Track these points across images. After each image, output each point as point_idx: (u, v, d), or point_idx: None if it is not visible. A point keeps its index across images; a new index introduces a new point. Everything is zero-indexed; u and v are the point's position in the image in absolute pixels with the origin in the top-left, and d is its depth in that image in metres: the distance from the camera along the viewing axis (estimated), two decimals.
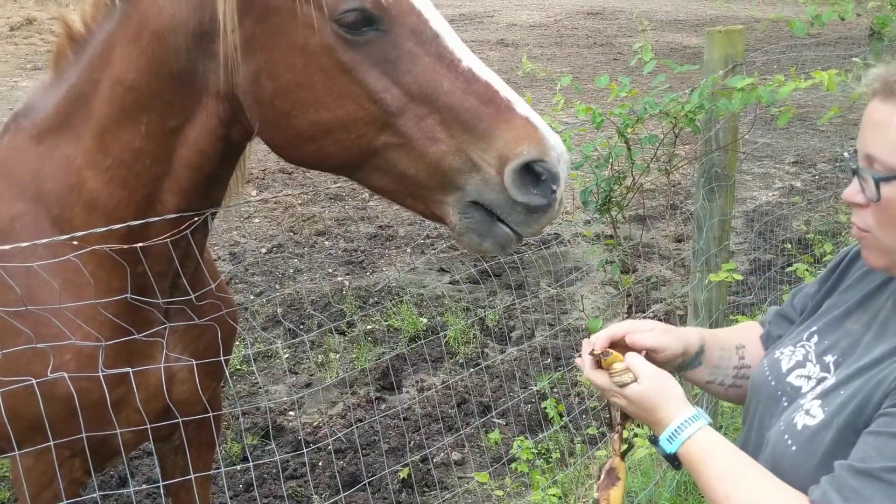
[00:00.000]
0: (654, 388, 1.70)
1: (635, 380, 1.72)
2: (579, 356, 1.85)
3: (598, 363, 1.79)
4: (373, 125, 1.85)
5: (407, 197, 1.94)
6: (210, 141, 1.99)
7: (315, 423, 4.66)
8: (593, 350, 1.79)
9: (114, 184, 2.04)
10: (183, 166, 2.02)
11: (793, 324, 1.92)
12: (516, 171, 1.78)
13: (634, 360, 1.76)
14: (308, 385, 5.04)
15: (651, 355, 1.83)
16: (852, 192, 1.59)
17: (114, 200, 2.05)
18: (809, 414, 1.60)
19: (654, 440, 1.71)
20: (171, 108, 1.97)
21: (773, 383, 1.77)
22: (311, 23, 1.80)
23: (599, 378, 1.78)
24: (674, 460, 1.67)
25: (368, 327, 5.69)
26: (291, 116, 1.87)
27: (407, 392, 4.96)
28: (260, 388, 5.01)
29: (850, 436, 1.50)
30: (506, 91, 1.82)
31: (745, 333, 2.07)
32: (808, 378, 1.70)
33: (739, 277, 3.39)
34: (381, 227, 7.63)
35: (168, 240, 2.05)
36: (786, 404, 1.71)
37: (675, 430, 1.65)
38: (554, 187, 1.80)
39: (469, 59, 1.83)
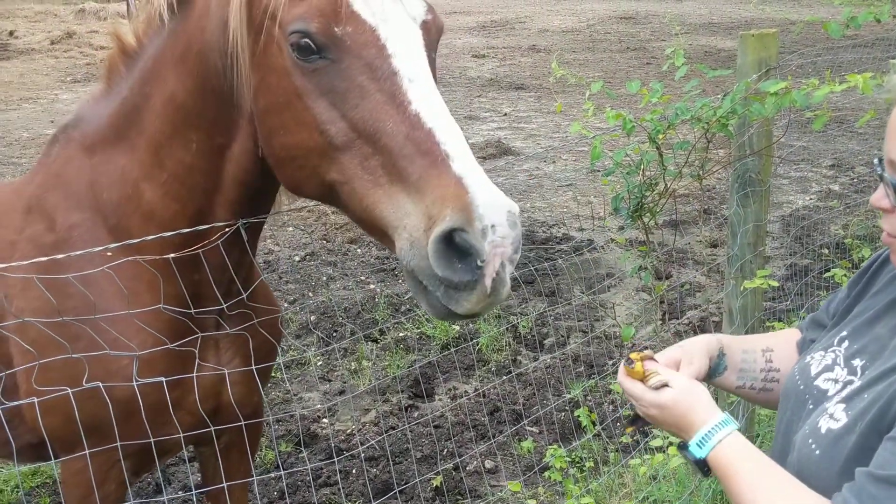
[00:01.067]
0: (687, 394, 1.72)
1: (668, 384, 1.74)
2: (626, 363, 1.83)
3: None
4: (324, 157, 1.77)
5: (371, 234, 1.84)
6: (250, 159, 2.02)
7: (348, 431, 4.67)
8: (630, 356, 1.80)
9: (169, 197, 2.10)
10: (230, 181, 2.07)
11: (825, 329, 1.90)
12: (439, 239, 1.57)
13: (662, 368, 1.79)
14: (341, 392, 5.06)
15: None
16: (878, 196, 1.59)
17: (169, 213, 2.11)
18: (833, 417, 1.59)
19: (682, 446, 1.71)
20: (216, 126, 2.01)
21: (801, 387, 1.76)
22: (278, 43, 1.78)
23: (633, 386, 1.77)
24: (703, 466, 1.66)
25: (400, 335, 5.70)
26: (271, 136, 1.87)
27: (439, 400, 4.96)
28: (293, 395, 5.04)
29: (872, 440, 1.49)
30: (450, 143, 1.64)
31: (779, 338, 2.06)
32: (836, 381, 1.68)
33: (775, 284, 3.34)
34: None
35: (204, 250, 2.08)
36: (811, 407, 1.70)
37: (706, 436, 1.65)
38: (479, 263, 1.56)
39: (422, 104, 1.68)
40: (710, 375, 1.95)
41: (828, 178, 9.02)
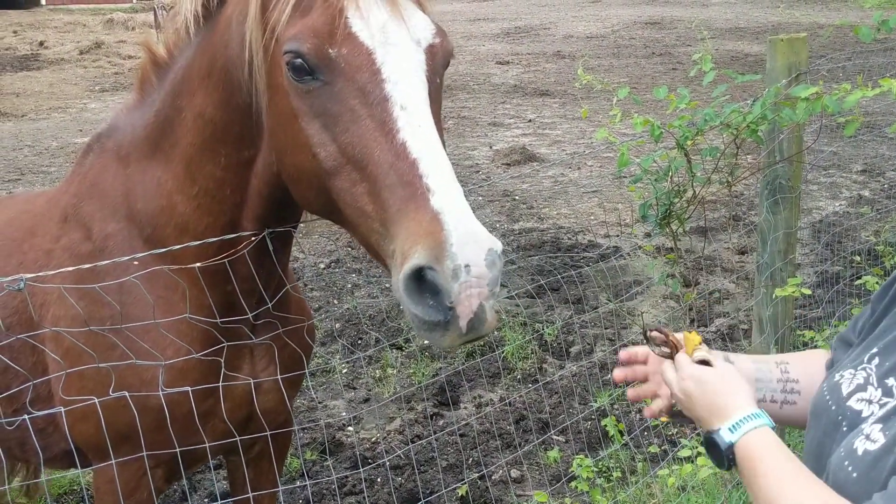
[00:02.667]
0: (730, 375, 1.68)
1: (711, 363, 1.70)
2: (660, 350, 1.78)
3: (670, 355, 1.75)
4: (318, 179, 1.75)
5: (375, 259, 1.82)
6: (272, 171, 2.02)
7: (373, 439, 4.65)
8: (671, 336, 1.75)
9: (201, 210, 2.12)
10: (256, 195, 2.07)
11: (851, 346, 1.84)
12: (409, 277, 1.52)
13: (713, 352, 1.75)
14: (366, 400, 5.05)
15: None
16: None
17: (202, 225, 2.12)
18: (870, 439, 1.53)
19: (708, 435, 1.65)
20: (242, 140, 2.02)
21: (833, 408, 1.70)
22: (279, 63, 1.77)
23: (678, 356, 1.74)
24: (727, 455, 1.60)
25: (425, 342, 5.68)
26: (282, 154, 1.88)
27: (464, 408, 4.93)
28: (318, 403, 5.04)
29: None
30: (434, 176, 1.58)
31: (793, 355, 2.01)
32: (870, 402, 1.63)
33: (807, 292, 3.28)
34: None
35: (227, 260, 2.09)
36: (846, 429, 1.64)
37: (740, 421, 1.59)
38: (448, 303, 1.49)
39: (410, 133, 1.62)
40: None
41: (858, 183, 8.89)
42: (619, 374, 1.95)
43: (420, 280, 1.52)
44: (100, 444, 2.15)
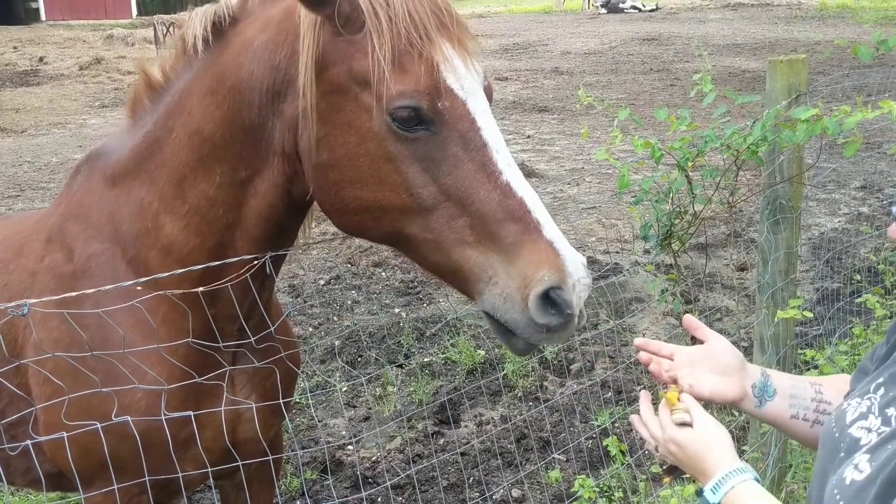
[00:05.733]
0: (708, 435, 1.67)
1: (691, 423, 1.69)
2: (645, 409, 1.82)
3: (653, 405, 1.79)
4: (407, 214, 1.89)
5: (443, 279, 2.00)
6: (277, 194, 2.05)
7: (373, 458, 4.64)
8: (665, 387, 1.78)
9: (189, 230, 2.11)
10: (253, 216, 2.08)
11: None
12: (539, 296, 1.79)
13: (692, 404, 1.74)
14: (366, 419, 5.03)
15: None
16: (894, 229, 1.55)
17: (188, 247, 2.11)
18: (858, 468, 1.53)
19: (699, 492, 1.67)
20: (241, 160, 2.03)
21: (836, 434, 1.70)
22: (368, 109, 1.86)
23: (660, 416, 1.75)
24: None
25: (426, 360, 5.67)
26: (340, 188, 1.93)
27: (465, 426, 4.92)
28: (318, 421, 5.02)
29: (892, 490, 1.43)
30: (538, 211, 1.85)
31: (827, 378, 2.01)
32: (869, 430, 1.62)
33: (809, 314, 3.27)
34: None
35: (230, 283, 2.08)
36: (843, 456, 1.64)
37: (722, 479, 1.60)
38: (568, 311, 1.82)
39: (510, 174, 1.86)
40: (760, 400, 1.88)
41: (857, 199, 8.92)
42: (643, 356, 1.98)
43: (545, 297, 1.80)
44: (81, 469, 2.13)
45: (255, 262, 2.11)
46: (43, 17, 39.00)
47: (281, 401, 2.31)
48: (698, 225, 2.87)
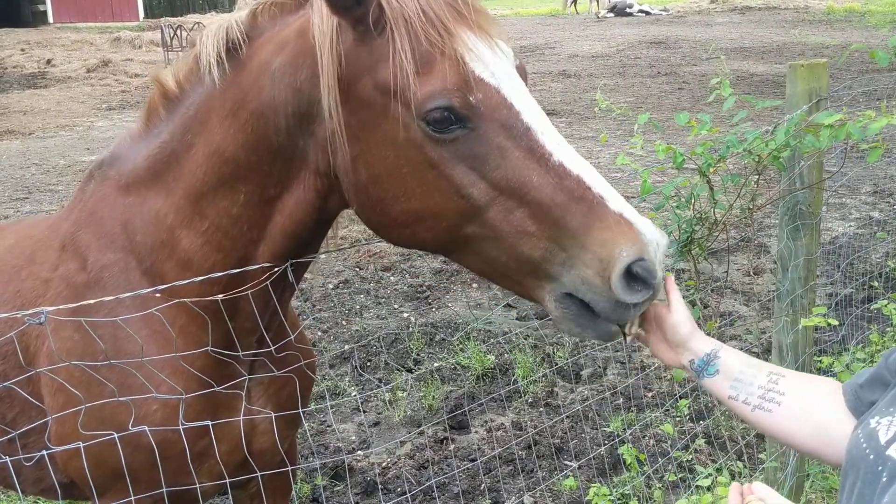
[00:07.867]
0: None
1: None
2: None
3: None
4: (461, 216, 1.81)
5: (503, 279, 1.90)
6: (307, 211, 1.99)
7: (384, 464, 4.60)
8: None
9: (209, 246, 2.06)
10: (278, 233, 2.03)
11: (888, 387, 1.79)
12: (622, 275, 1.70)
13: None
14: (376, 424, 5.00)
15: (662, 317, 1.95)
16: None
17: (209, 262, 2.06)
18: None
19: None
20: (269, 178, 1.98)
21: (871, 457, 1.65)
22: (399, 119, 1.78)
23: None
24: None
25: (436, 365, 5.64)
26: (385, 203, 1.87)
27: (476, 432, 4.88)
28: (328, 427, 4.99)
29: None
30: (598, 186, 1.74)
31: (805, 377, 1.98)
32: None
33: (834, 322, 3.23)
34: (445, 261, 7.59)
35: (250, 291, 2.05)
36: (885, 480, 1.59)
37: None
38: (654, 282, 1.73)
39: (561, 153, 1.76)
40: (698, 374, 1.93)
41: (868, 204, 8.86)
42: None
43: (628, 274, 1.71)
44: (95, 480, 2.11)
45: (276, 269, 2.07)
46: (50, 19, 39.12)
47: (300, 410, 2.28)
48: (720, 231, 2.83)
